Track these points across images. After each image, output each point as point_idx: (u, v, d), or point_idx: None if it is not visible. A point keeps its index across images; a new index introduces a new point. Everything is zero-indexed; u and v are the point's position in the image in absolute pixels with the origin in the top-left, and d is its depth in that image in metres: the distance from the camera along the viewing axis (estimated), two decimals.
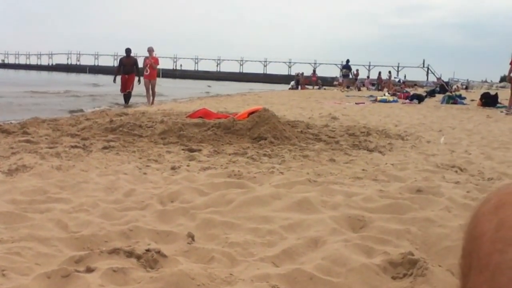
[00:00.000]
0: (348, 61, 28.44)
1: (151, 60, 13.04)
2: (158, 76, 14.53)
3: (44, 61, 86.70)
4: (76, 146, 3.72)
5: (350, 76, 28.20)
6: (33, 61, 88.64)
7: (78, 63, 78.65)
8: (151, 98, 12.90)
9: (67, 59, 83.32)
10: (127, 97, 13.10)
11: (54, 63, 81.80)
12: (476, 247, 0.40)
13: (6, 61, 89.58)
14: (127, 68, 13.12)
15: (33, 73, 50.91)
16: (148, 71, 13.00)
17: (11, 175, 2.75)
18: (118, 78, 13.15)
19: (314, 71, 39.67)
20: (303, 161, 3.68)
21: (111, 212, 2.16)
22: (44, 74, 50.10)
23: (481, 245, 0.39)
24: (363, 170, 3.41)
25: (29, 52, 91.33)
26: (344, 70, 28.16)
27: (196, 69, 73.98)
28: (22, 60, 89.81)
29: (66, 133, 4.50)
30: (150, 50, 13.11)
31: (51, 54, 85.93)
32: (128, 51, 13.44)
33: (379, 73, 35.98)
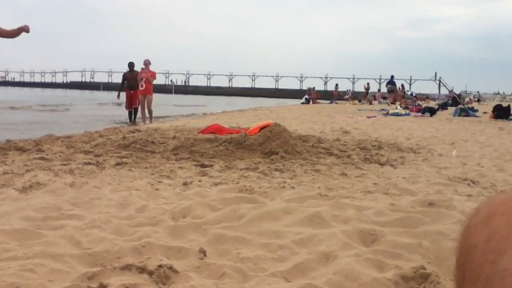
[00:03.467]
0: (392, 77, 28.94)
1: (148, 73, 12.09)
2: (171, 92, 14.21)
3: (59, 79, 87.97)
4: (89, 163, 3.76)
5: (395, 92, 28.31)
6: (48, 79, 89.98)
7: (92, 80, 79.59)
8: (148, 116, 11.97)
9: (81, 76, 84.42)
10: (132, 114, 12.44)
11: (68, 81, 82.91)
12: (468, 259, 0.40)
13: (22, 79, 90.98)
14: (131, 83, 12.40)
15: (48, 91, 51.64)
16: (144, 85, 12.02)
17: (25, 192, 2.79)
18: (123, 94, 12.43)
19: (337, 85, 39.44)
20: (315, 176, 3.68)
21: (124, 228, 2.18)
22: (59, 91, 50.78)
23: (473, 257, 0.40)
24: (375, 184, 3.39)
25: (44, 70, 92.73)
26: (389, 86, 28.47)
27: (208, 84, 74.48)
28: (37, 78, 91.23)
29: (80, 150, 4.55)
30: (147, 63, 12.18)
31: (66, 71, 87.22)
32: (131, 65, 12.63)
33: (402, 85, 35.98)
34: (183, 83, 70.76)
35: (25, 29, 5.54)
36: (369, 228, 2.21)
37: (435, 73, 60.40)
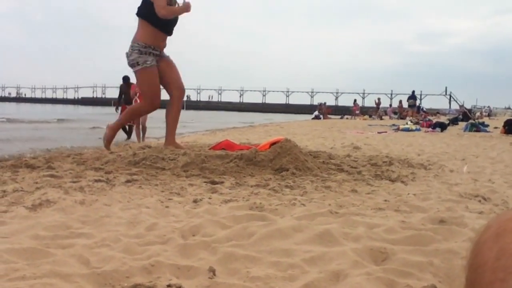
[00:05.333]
0: (413, 92, 29.21)
1: None
2: (182, 108, 13.91)
3: (70, 95, 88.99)
4: (99, 180, 3.77)
5: (416, 106, 28.58)
6: (59, 94, 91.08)
7: (103, 96, 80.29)
8: (141, 134, 11.08)
9: (93, 92, 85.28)
10: (129, 130, 11.93)
11: (79, 97, 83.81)
12: (478, 277, 0.40)
13: (33, 95, 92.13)
14: (127, 97, 11.78)
15: (59, 107, 52.23)
16: (138, 101, 10.63)
17: (34, 210, 2.80)
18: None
19: (355, 101, 39.27)
20: (325, 192, 3.66)
21: (133, 247, 2.18)
22: (70, 107, 51.35)
23: (483, 275, 0.39)
24: (385, 200, 3.37)
25: (55, 86, 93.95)
26: (410, 101, 28.76)
27: (219, 100, 74.89)
28: (49, 94, 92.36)
29: (90, 167, 4.58)
30: None
31: (77, 87, 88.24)
32: (125, 79, 11.99)
33: (400, 101, 35.98)
34: (189, 98, 71.24)
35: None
36: (380, 246, 2.19)
37: (446, 87, 60.34)
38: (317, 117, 30.77)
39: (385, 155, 6.60)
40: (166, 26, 5.52)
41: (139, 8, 5.54)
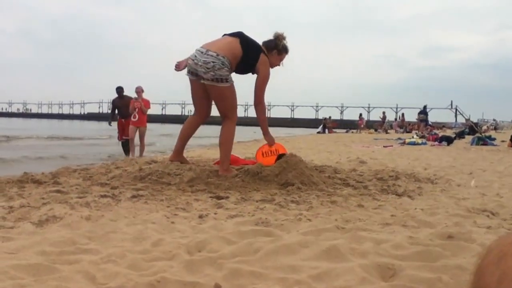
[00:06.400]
0: (425, 107, 29.44)
1: (141, 102, 10.94)
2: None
3: (76, 110, 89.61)
4: (105, 196, 3.78)
5: (427, 122, 28.65)
6: (66, 110, 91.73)
7: (109, 111, 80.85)
8: (140, 149, 10.98)
9: (99, 107, 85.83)
10: (126, 145, 11.31)
11: (86, 112, 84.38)
12: None
13: (40, 111, 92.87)
14: (122, 110, 11.33)
15: (66, 122, 52.56)
16: (137, 116, 10.93)
17: (41, 226, 2.81)
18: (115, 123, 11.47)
19: (361, 115, 39.25)
20: (331, 207, 3.65)
21: (139, 263, 2.17)
22: (76, 123, 51.67)
23: None
24: (392, 215, 3.35)
25: (61, 101, 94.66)
26: (421, 116, 28.86)
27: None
28: (55, 110, 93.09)
29: (96, 182, 4.58)
30: (139, 91, 10.97)
31: (83, 103, 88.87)
32: (119, 90, 11.39)
33: (402, 114, 36.09)
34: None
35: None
36: (388, 262, 2.17)
37: (451, 101, 60.21)
38: (323, 131, 30.77)
39: (391, 169, 6.57)
40: None
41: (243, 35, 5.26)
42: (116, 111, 11.68)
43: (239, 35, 5.22)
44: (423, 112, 28.61)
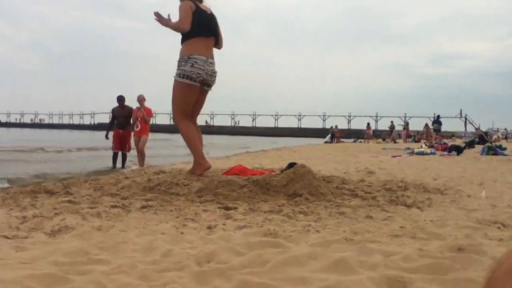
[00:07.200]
0: (438, 116, 29.64)
1: (143, 111, 10.60)
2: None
3: (87, 121, 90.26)
4: (115, 206, 3.81)
5: (441, 131, 28.84)
6: (76, 120, 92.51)
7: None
8: (140, 159, 10.62)
9: (109, 118, 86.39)
10: (118, 156, 10.77)
11: (96, 122, 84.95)
12: None
13: (51, 121, 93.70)
14: (120, 120, 10.81)
15: (76, 133, 52.95)
16: (139, 126, 10.61)
17: (54, 236, 2.85)
18: (111, 134, 10.90)
19: (368, 124, 39.05)
20: (339, 218, 3.65)
21: (149, 274, 2.19)
22: (87, 133, 52.01)
23: None
24: (401, 227, 3.34)
25: (72, 112, 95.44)
26: (435, 125, 29.01)
27: (232, 124, 75.36)
28: (66, 120, 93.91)
29: (107, 192, 4.63)
30: (141, 99, 10.64)
31: (93, 113, 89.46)
32: (120, 99, 10.87)
33: (407, 124, 36.21)
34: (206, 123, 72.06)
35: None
36: (397, 275, 2.17)
37: (460, 110, 59.85)
38: (330, 140, 30.74)
39: (400, 179, 6.55)
40: None
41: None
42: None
43: (215, 33, 5.60)
44: (437, 121, 28.64)
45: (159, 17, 5.40)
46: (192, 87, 5.45)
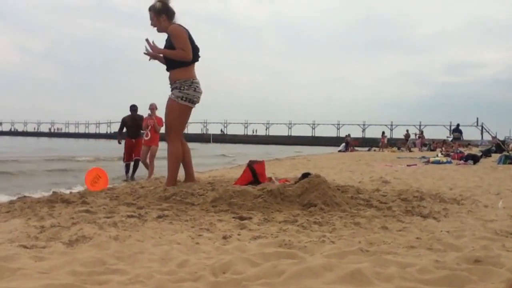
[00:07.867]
0: (458, 125, 29.98)
1: (154, 120, 10.35)
2: (209, 141, 12.85)
3: (103, 130, 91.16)
4: (132, 216, 3.85)
5: (461, 139, 29.14)
6: (92, 129, 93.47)
7: None
8: (149, 170, 10.41)
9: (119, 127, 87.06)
10: (132, 166, 10.75)
11: (112, 131, 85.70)
12: None
13: (67, 130, 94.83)
14: (132, 129, 10.85)
15: (92, 141, 53.52)
16: (149, 135, 10.41)
17: (71, 246, 2.88)
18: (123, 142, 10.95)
19: (383, 133, 38.82)
20: (355, 229, 3.64)
21: (165, 284, 2.21)
22: (102, 141, 52.54)
23: None
24: (417, 238, 3.32)
25: (88, 121, 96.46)
26: (455, 134, 29.29)
27: (245, 133, 75.43)
28: (82, 129, 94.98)
29: (123, 202, 4.67)
30: (153, 108, 10.48)
31: (110, 122, 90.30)
32: (134, 108, 10.98)
33: (421, 132, 36.06)
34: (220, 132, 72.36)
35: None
36: (413, 287, 2.16)
37: (477, 118, 59.25)
38: (344, 149, 30.58)
39: (416, 189, 6.51)
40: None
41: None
42: (125, 129, 11.29)
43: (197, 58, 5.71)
44: (457, 130, 28.75)
45: (153, 47, 5.70)
46: (190, 109, 5.74)
